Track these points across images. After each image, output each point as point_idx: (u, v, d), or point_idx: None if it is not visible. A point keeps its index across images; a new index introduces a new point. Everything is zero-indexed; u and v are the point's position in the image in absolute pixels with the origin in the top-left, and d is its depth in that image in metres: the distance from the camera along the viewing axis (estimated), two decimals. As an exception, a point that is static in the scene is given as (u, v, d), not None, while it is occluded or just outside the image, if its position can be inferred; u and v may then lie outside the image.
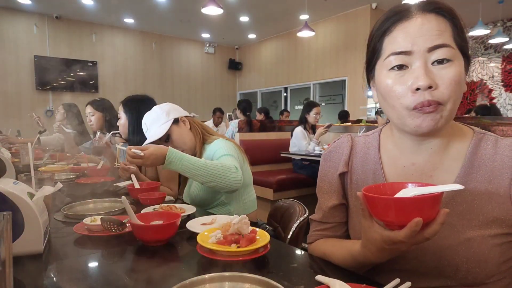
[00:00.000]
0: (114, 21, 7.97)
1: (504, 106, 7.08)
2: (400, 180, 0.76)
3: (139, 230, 0.85)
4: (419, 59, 0.64)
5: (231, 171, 1.23)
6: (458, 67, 0.65)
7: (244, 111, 4.81)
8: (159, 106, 1.56)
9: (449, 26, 0.66)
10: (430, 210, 0.55)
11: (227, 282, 0.59)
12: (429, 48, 0.64)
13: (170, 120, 1.49)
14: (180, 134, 1.51)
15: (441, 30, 0.65)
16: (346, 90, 7.64)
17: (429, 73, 0.64)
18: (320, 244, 0.85)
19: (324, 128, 3.73)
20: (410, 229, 0.54)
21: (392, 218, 0.56)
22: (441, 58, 0.64)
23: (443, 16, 0.66)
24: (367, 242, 0.64)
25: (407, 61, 0.66)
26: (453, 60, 0.64)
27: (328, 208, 0.85)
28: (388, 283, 0.60)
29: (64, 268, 0.76)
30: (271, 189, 3.60)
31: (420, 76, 0.63)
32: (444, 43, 0.64)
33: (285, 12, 7.37)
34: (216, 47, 10.16)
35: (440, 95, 0.64)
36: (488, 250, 0.65)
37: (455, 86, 0.64)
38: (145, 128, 1.53)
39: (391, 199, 0.57)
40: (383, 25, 0.70)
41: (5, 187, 0.75)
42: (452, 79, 0.63)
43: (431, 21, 0.65)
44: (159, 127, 1.48)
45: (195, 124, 1.59)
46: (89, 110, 2.57)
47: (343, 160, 0.84)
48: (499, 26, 6.99)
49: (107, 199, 1.28)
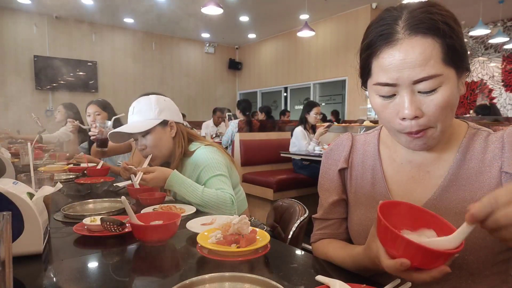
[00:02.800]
0: (114, 21, 7.97)
1: (504, 106, 7.08)
2: (398, 176, 0.77)
3: (139, 230, 0.85)
4: (405, 90, 0.64)
5: (226, 205, 1.24)
6: (446, 91, 0.63)
7: (243, 111, 4.81)
8: (157, 98, 1.46)
9: (437, 47, 0.62)
10: (430, 262, 0.52)
11: (227, 282, 0.58)
12: (414, 81, 0.63)
13: (158, 120, 1.40)
14: (159, 139, 1.41)
15: (426, 58, 0.61)
16: (346, 90, 7.65)
17: (415, 102, 0.64)
18: (323, 245, 0.85)
19: (324, 128, 3.73)
20: (394, 265, 0.53)
21: (392, 251, 0.55)
22: (428, 90, 0.63)
23: (431, 36, 0.62)
24: (367, 247, 0.65)
25: (394, 90, 0.65)
26: (440, 85, 0.63)
27: (328, 204, 0.86)
28: (386, 282, 0.60)
29: (64, 268, 0.76)
30: (271, 189, 3.60)
31: (405, 107, 0.64)
32: (429, 75, 0.62)
33: (285, 12, 7.37)
34: (216, 47, 10.16)
35: (427, 122, 0.65)
36: (482, 238, 0.65)
37: (442, 110, 0.64)
38: (130, 111, 1.42)
39: (400, 237, 0.52)
40: (371, 46, 0.67)
41: (5, 187, 0.75)
42: (438, 106, 0.63)
43: (416, 48, 0.62)
44: (143, 121, 1.39)
45: (182, 134, 1.48)
46: (94, 109, 2.54)
47: (343, 156, 0.85)
48: (499, 26, 6.99)
49: (107, 199, 1.28)
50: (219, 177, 1.35)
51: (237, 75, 10.82)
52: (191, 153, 1.43)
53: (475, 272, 0.67)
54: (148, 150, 1.42)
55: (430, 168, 0.74)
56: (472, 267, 0.67)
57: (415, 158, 0.76)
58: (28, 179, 1.03)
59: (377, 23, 0.68)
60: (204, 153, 1.40)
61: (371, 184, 0.80)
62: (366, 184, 0.81)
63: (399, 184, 0.77)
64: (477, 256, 0.66)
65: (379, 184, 0.79)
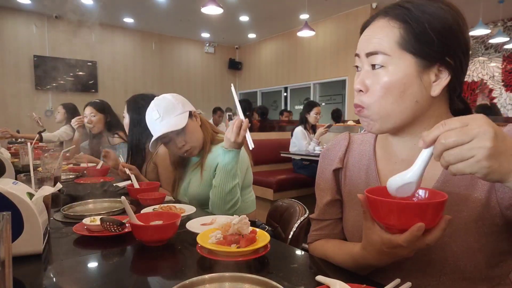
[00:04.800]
0: (113, 21, 7.97)
1: (504, 106, 7.08)
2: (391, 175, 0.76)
3: (139, 230, 0.85)
4: (363, 63, 0.70)
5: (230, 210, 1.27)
6: (392, 73, 0.66)
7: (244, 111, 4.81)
8: (171, 95, 1.44)
9: (396, 31, 0.65)
10: (433, 216, 0.54)
11: (227, 282, 0.58)
12: (366, 54, 0.68)
13: (186, 113, 1.40)
14: (194, 130, 1.42)
15: (380, 36, 0.67)
16: (346, 90, 7.64)
17: (367, 77, 0.69)
18: (321, 245, 0.85)
19: (324, 128, 3.74)
20: (412, 233, 0.53)
21: (393, 222, 0.56)
22: (373, 64, 0.67)
23: (395, 20, 0.66)
24: (367, 244, 0.64)
25: (359, 63, 0.71)
26: (385, 66, 0.66)
27: (324, 205, 0.86)
28: (386, 282, 0.60)
29: (64, 268, 0.76)
30: (271, 189, 3.60)
31: (356, 79, 0.70)
32: (374, 50, 0.67)
33: (285, 12, 7.37)
34: (216, 46, 10.15)
35: (364, 99, 0.69)
36: (476, 240, 0.65)
37: (381, 91, 0.66)
38: (155, 115, 1.38)
39: (394, 202, 0.56)
40: (363, 27, 0.74)
41: (5, 187, 0.75)
42: (379, 84, 0.67)
43: (378, 27, 0.68)
44: (177, 116, 1.37)
45: (205, 121, 1.50)
46: (89, 111, 2.56)
47: (338, 156, 0.86)
48: (500, 26, 6.99)
49: (106, 199, 1.28)
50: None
51: (237, 75, 10.81)
52: (216, 142, 1.46)
53: (469, 276, 0.66)
54: (188, 145, 1.40)
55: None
56: (467, 270, 0.66)
57: (409, 158, 0.74)
58: (28, 179, 1.03)
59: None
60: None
61: (365, 184, 0.80)
62: (360, 183, 0.81)
63: None
64: (472, 259, 0.65)
65: (373, 184, 0.78)
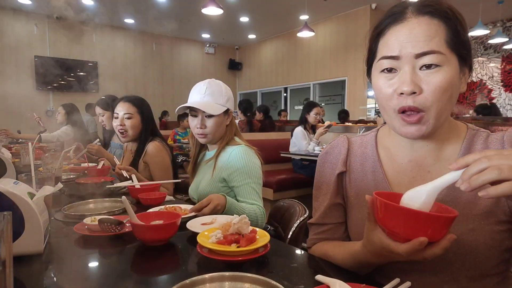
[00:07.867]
0: (114, 21, 7.97)
1: (503, 106, 7.08)
2: (400, 177, 0.77)
3: (139, 230, 0.85)
4: (407, 64, 0.66)
5: (258, 221, 1.27)
6: (447, 73, 0.64)
7: (244, 111, 4.81)
8: (225, 86, 1.49)
9: (442, 29, 0.65)
10: (439, 230, 0.52)
11: (227, 282, 0.59)
12: (416, 55, 0.65)
13: (225, 107, 1.44)
14: (220, 124, 1.44)
15: (431, 35, 0.64)
16: (346, 90, 7.64)
17: (415, 78, 0.65)
18: (320, 246, 0.85)
19: (324, 128, 3.73)
20: (413, 247, 0.53)
21: (398, 229, 0.54)
22: (429, 64, 0.64)
23: (438, 18, 0.65)
24: (367, 243, 0.64)
25: (396, 65, 0.67)
26: (441, 65, 0.64)
27: (325, 208, 0.85)
28: (387, 283, 0.60)
29: (64, 268, 0.76)
30: (271, 189, 3.60)
31: (405, 81, 0.65)
32: (431, 50, 0.64)
33: (285, 12, 7.38)
34: (216, 47, 10.16)
35: (422, 101, 0.65)
36: (490, 238, 0.66)
37: (440, 91, 0.64)
38: (202, 90, 1.43)
39: (405, 208, 0.53)
40: (379, 26, 0.71)
41: (6, 187, 0.75)
42: (437, 85, 0.64)
43: (422, 25, 0.65)
44: (217, 104, 1.42)
45: (233, 123, 1.53)
46: (98, 111, 2.60)
47: (341, 159, 0.84)
48: (499, 26, 6.99)
49: (107, 199, 1.28)
50: (254, 185, 1.34)
51: (237, 75, 10.82)
52: (232, 143, 1.46)
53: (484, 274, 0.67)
54: (206, 130, 1.42)
55: (431, 168, 0.73)
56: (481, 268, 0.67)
57: (415, 158, 0.75)
58: (29, 179, 1.03)
59: (387, 12, 0.72)
60: (244, 154, 1.38)
61: (373, 186, 0.79)
62: (368, 186, 0.80)
63: (402, 185, 0.76)
64: (487, 255, 0.66)
65: (382, 186, 0.78)
